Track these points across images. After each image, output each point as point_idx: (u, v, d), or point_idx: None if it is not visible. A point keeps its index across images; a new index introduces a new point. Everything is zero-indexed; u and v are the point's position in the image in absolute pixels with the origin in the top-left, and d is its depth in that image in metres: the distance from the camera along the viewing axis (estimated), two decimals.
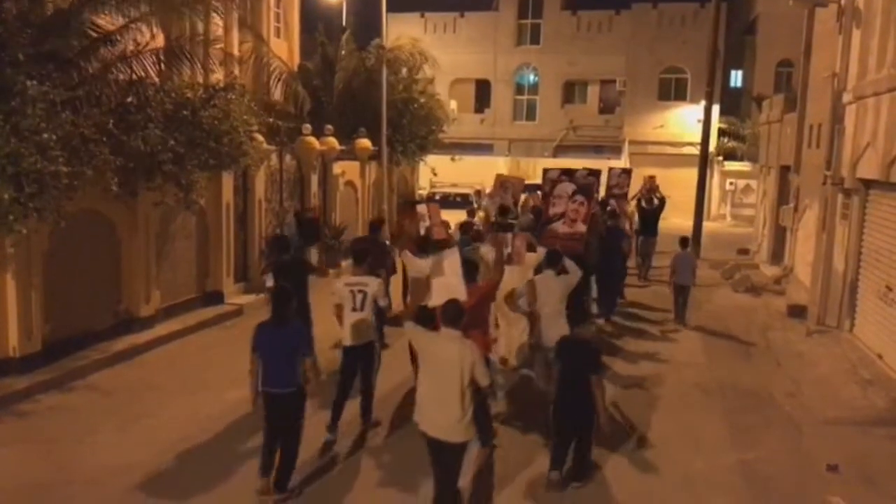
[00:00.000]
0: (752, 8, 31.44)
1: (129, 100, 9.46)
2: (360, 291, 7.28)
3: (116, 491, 6.20)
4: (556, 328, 7.42)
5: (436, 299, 6.31)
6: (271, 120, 12.43)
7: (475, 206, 18.62)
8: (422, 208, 9.94)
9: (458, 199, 20.48)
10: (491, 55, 34.83)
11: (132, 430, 7.47)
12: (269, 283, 8.56)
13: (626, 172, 16.35)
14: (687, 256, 12.48)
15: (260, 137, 12.40)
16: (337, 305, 7.37)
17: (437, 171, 23.81)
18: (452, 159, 25.54)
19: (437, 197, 20.60)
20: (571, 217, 9.83)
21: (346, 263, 16.43)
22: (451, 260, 6.72)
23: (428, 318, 6.14)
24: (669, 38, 31.93)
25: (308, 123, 15.69)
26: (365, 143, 18.11)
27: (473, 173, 25.44)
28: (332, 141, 16.35)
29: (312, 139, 15.40)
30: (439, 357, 5.44)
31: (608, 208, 13.88)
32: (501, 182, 14.11)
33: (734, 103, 32.50)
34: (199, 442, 7.20)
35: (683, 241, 12.72)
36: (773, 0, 26.88)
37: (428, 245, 8.44)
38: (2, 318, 8.36)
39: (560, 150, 33.83)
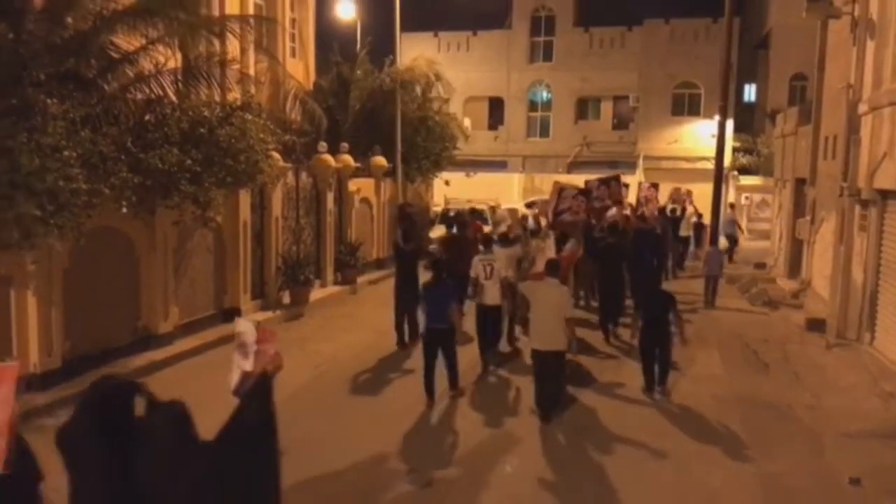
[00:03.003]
0: (765, 22, 31.43)
1: (148, 118, 9.60)
2: (488, 265, 10.06)
3: None
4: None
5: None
6: (287, 137, 12.54)
7: (489, 221, 18.66)
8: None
9: (467, 218, 20.48)
10: (504, 73, 35.04)
11: None
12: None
13: (655, 186, 19.41)
14: (715, 252, 15.69)
15: (276, 155, 12.52)
16: (473, 277, 10.15)
17: (453, 188, 23.93)
18: (467, 175, 25.67)
19: (452, 213, 20.91)
20: (574, 210, 14.11)
21: (361, 279, 16.54)
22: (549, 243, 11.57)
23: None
24: (682, 53, 32.00)
25: (324, 141, 15.84)
26: (380, 160, 18.24)
27: (488, 189, 25.56)
28: (348, 158, 16.48)
29: (328, 157, 15.53)
30: (546, 297, 8.16)
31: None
32: (559, 189, 15.05)
33: (748, 118, 32.44)
34: None
35: (712, 240, 16.14)
36: (786, 14, 26.86)
37: (491, 240, 11.17)
38: (22, 335, 8.46)
39: (574, 165, 33.83)
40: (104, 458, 3.34)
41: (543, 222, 14.38)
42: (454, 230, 14.07)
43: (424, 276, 10.80)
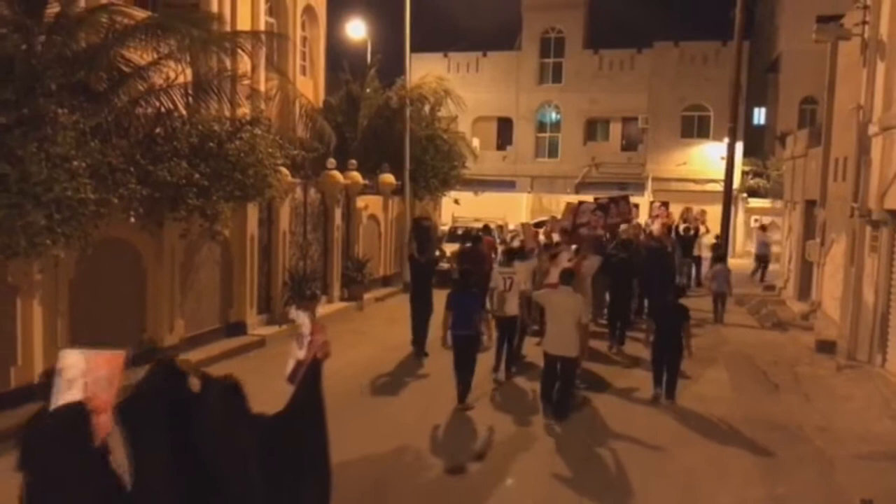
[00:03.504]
0: (775, 46, 31.54)
1: (157, 131, 9.65)
2: (508, 277, 10.34)
3: None
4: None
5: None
6: (296, 152, 12.58)
7: (497, 239, 18.65)
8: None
9: (481, 233, 20.51)
10: (513, 93, 35.22)
11: None
12: (408, 278, 13.27)
13: (665, 205, 20.92)
14: (722, 270, 15.63)
15: (285, 170, 12.56)
16: (492, 288, 10.44)
17: (461, 206, 23.97)
18: (475, 194, 25.70)
19: (460, 231, 21.21)
20: (592, 225, 14.87)
21: (368, 296, 16.51)
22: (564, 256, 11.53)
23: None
24: (691, 75, 32.10)
25: (332, 158, 15.89)
26: (388, 177, 18.27)
27: (496, 208, 25.57)
28: (356, 175, 16.52)
29: (336, 173, 15.57)
30: (561, 305, 8.74)
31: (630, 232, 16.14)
32: (578, 203, 16.27)
33: (758, 141, 32.42)
34: None
35: (720, 258, 16.20)
36: (796, 38, 26.97)
37: (512, 254, 11.44)
38: (28, 345, 8.45)
39: (582, 186, 33.86)
40: (167, 433, 3.80)
41: (556, 238, 14.69)
42: (468, 245, 14.83)
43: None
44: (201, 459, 3.82)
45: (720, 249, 17.73)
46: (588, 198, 26.67)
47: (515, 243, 15.10)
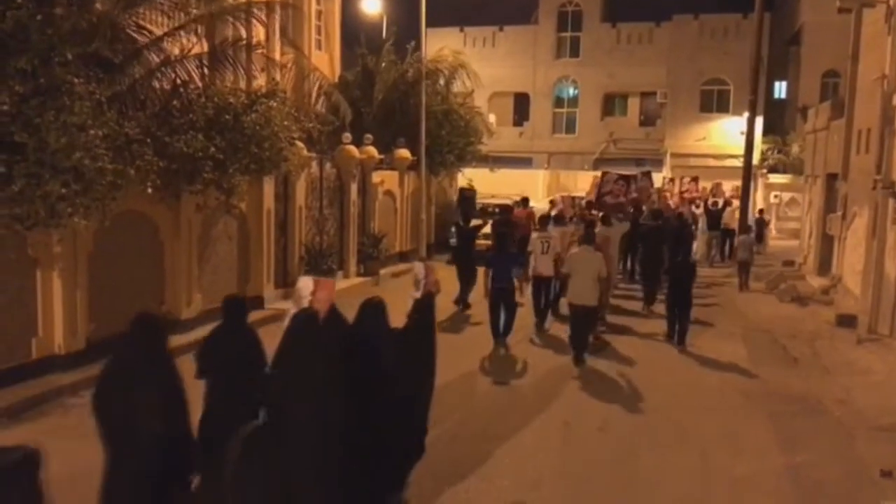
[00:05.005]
0: (797, 18, 30.91)
1: (174, 103, 9.64)
2: (545, 241, 11.64)
3: None
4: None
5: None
6: (311, 126, 12.53)
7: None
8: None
9: (497, 209, 20.44)
10: (530, 68, 34.84)
11: None
12: (452, 240, 14.73)
13: (695, 180, 23.58)
14: (747, 239, 17.17)
15: (300, 144, 12.53)
16: (530, 251, 11.96)
17: (478, 183, 23.83)
18: (491, 170, 25.54)
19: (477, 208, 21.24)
20: (615, 194, 16.46)
21: (384, 272, 16.52)
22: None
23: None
24: (711, 49, 31.56)
25: (348, 133, 15.83)
26: (404, 153, 18.20)
27: (512, 185, 25.37)
28: (372, 150, 16.46)
29: (352, 148, 15.53)
30: (583, 262, 10.10)
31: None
32: (603, 174, 17.91)
33: (778, 115, 31.90)
34: None
35: (744, 229, 18.34)
36: (818, 9, 26.38)
37: (548, 220, 12.88)
38: (48, 317, 8.54)
39: (600, 162, 33.52)
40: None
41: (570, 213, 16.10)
42: (502, 215, 15.71)
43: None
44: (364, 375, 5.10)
45: (761, 222, 20.55)
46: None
47: (555, 211, 16.50)
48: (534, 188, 30.32)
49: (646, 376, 9.66)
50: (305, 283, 5.68)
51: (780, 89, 33.27)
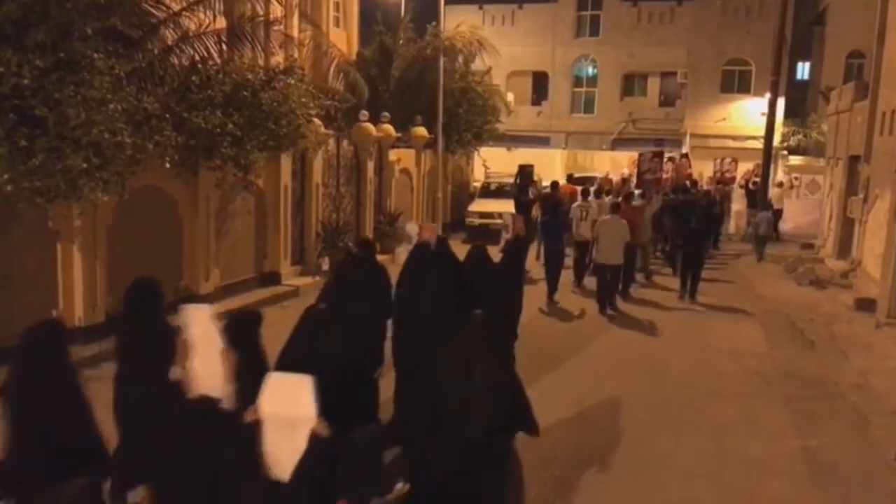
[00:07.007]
0: None
1: (193, 79, 9.65)
2: (584, 210, 13.42)
3: None
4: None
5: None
6: (329, 102, 12.52)
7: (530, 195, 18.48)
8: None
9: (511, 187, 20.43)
10: (549, 47, 34.47)
11: None
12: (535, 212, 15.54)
13: (734, 161, 26.51)
14: (767, 216, 18.73)
15: (318, 121, 12.53)
16: (571, 218, 13.44)
17: (494, 163, 23.74)
18: (508, 150, 25.41)
19: (493, 187, 21.46)
20: (653, 170, 18.71)
21: (400, 249, 16.52)
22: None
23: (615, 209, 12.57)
24: (733, 28, 31.05)
25: (365, 111, 15.79)
26: (421, 131, 18.14)
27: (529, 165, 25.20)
28: (389, 128, 16.42)
29: (369, 125, 15.50)
30: (610, 228, 11.82)
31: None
32: (639, 154, 20.61)
33: (800, 97, 31.42)
34: None
35: (764, 206, 19.87)
36: None
37: (588, 192, 15.23)
38: (68, 289, 8.66)
39: (618, 142, 33.27)
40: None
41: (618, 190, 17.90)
42: (550, 190, 16.74)
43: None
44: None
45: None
46: (624, 155, 27.76)
47: (595, 186, 17.56)
48: (551, 168, 30.09)
49: (663, 353, 9.67)
50: (412, 227, 7.55)
51: (803, 70, 32.74)
